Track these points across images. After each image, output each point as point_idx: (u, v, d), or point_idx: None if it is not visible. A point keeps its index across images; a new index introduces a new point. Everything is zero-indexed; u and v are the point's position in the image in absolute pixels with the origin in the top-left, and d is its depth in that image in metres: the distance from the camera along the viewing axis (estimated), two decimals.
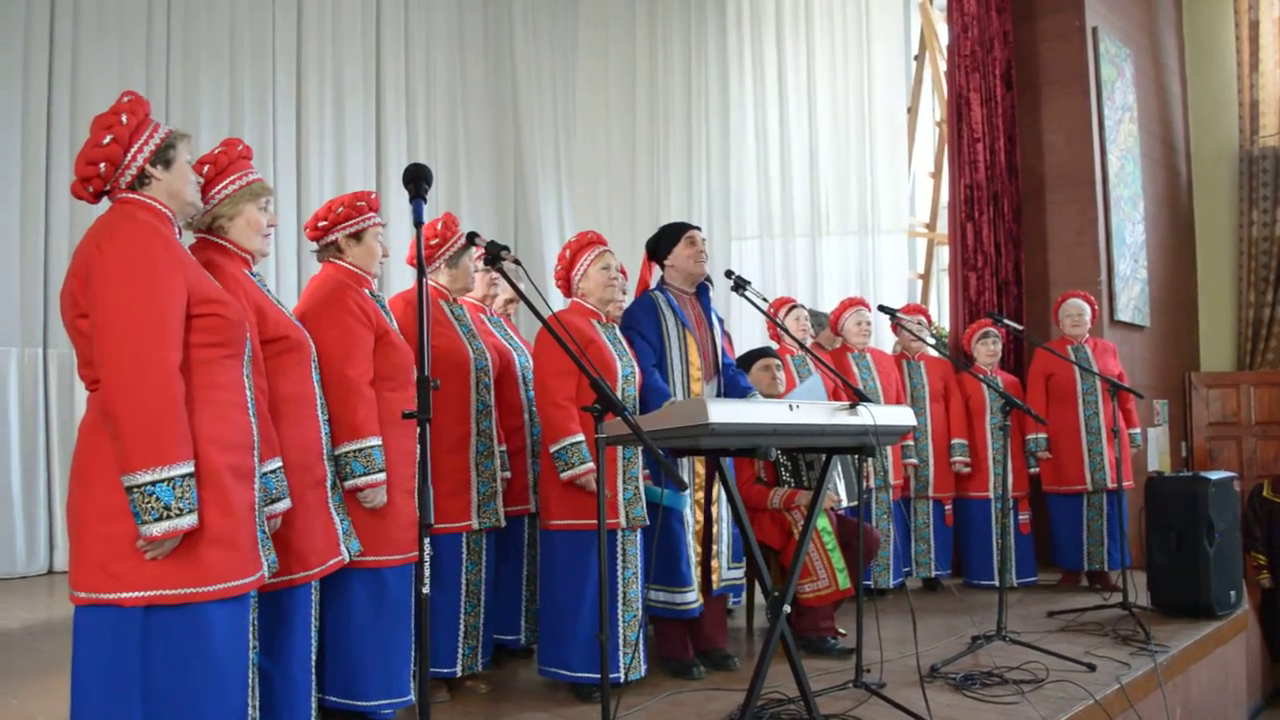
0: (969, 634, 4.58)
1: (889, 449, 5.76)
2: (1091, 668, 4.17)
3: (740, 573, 4.39)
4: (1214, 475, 5.35)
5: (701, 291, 4.39)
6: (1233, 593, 5.38)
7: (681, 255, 4.29)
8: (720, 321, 4.52)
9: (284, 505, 2.81)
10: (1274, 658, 7.07)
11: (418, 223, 2.59)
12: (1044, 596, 5.92)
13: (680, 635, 4.13)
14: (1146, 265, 8.02)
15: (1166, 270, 8.46)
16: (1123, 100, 7.86)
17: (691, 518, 4.11)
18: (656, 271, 4.40)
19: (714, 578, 4.21)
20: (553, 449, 3.74)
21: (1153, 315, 8.04)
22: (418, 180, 2.61)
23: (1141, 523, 5.50)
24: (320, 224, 3.49)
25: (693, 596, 4.01)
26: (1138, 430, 6.37)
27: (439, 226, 3.97)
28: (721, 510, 4.24)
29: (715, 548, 4.22)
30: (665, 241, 4.34)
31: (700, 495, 4.18)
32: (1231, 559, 5.45)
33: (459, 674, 3.74)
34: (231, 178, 2.91)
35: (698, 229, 4.37)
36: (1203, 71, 9.14)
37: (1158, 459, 7.80)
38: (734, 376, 4.36)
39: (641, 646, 3.88)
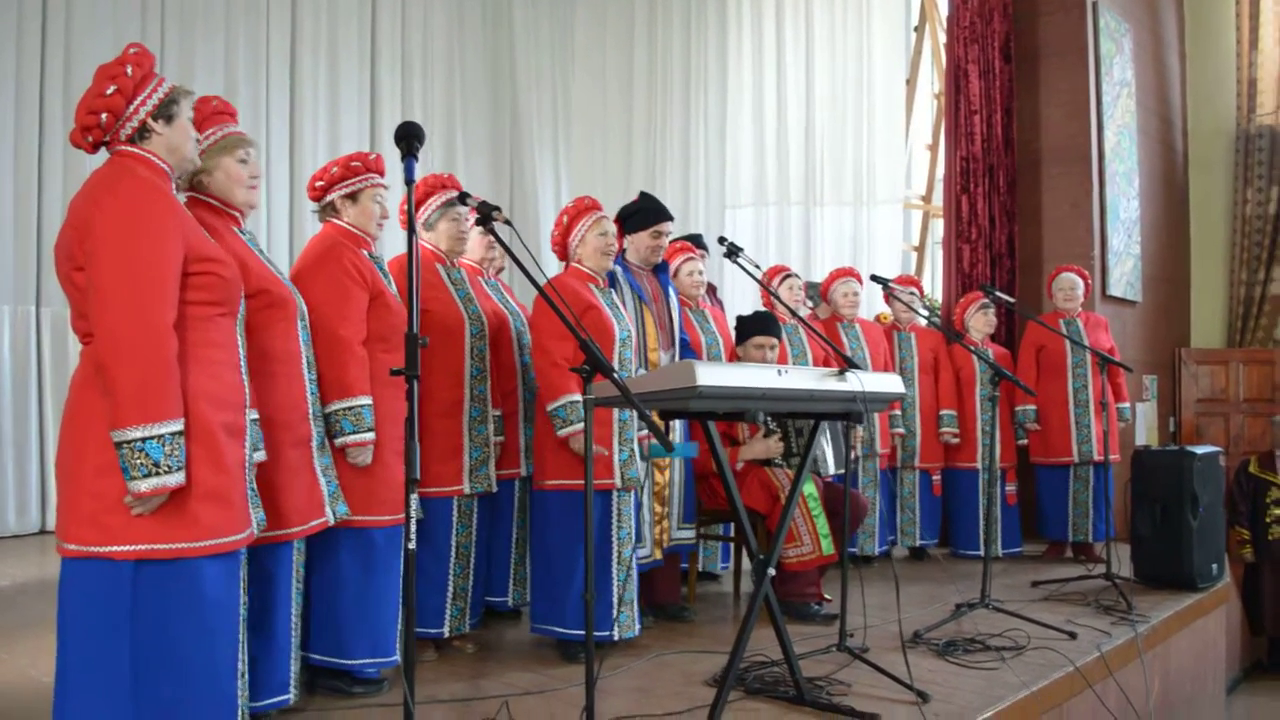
0: (953, 602, 4.63)
1: (876, 418, 5.79)
2: (1073, 636, 4.23)
3: (690, 533, 4.51)
4: (1199, 450, 5.39)
5: (660, 268, 4.48)
6: (1214, 566, 5.44)
7: (642, 242, 4.40)
8: (676, 295, 4.59)
9: (259, 457, 2.81)
10: (1254, 631, 7.16)
11: (409, 181, 2.60)
12: (1029, 567, 5.98)
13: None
14: (1140, 241, 8.03)
15: (1160, 246, 8.47)
16: (1121, 75, 7.84)
17: (651, 478, 4.22)
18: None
19: (664, 537, 4.33)
20: (550, 407, 3.77)
21: (1145, 291, 8.06)
22: (409, 138, 2.61)
23: (1127, 495, 5.55)
24: (317, 184, 3.53)
25: (645, 551, 4.19)
26: (1127, 405, 6.41)
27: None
28: (673, 473, 4.34)
29: (666, 509, 4.33)
30: (636, 220, 4.40)
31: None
32: (1214, 533, 5.50)
33: (446, 634, 3.79)
34: (206, 133, 2.90)
35: (670, 220, 4.42)
36: (1202, 48, 9.11)
37: (1146, 434, 7.85)
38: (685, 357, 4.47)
39: (635, 606, 3.93)
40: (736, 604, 4.96)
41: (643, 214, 4.42)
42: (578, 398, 3.71)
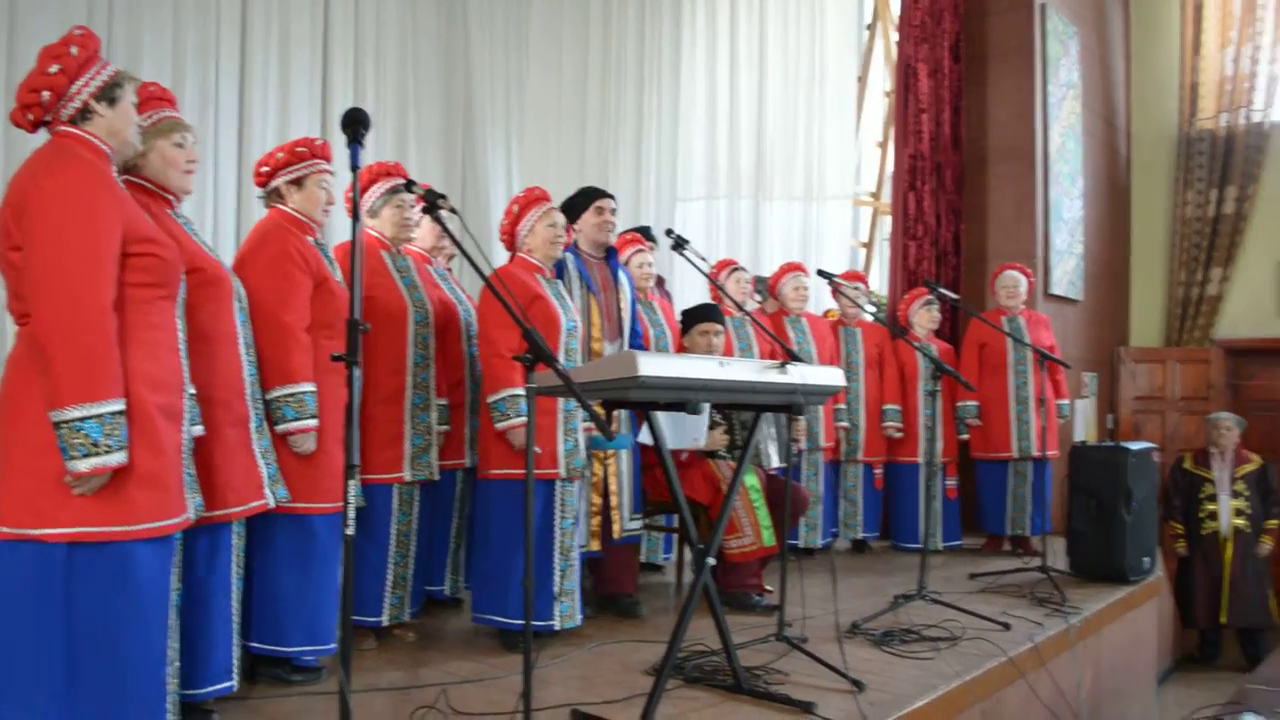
0: (892, 594, 4.70)
1: (821, 412, 5.86)
2: (1007, 627, 4.31)
3: (639, 524, 4.54)
4: (1134, 446, 5.51)
5: (610, 255, 4.48)
6: (1146, 559, 5.57)
7: (589, 222, 4.40)
8: (631, 285, 4.59)
9: (197, 431, 2.80)
10: (1186, 624, 7.33)
11: (354, 167, 2.60)
12: (967, 559, 6.08)
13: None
14: (1083, 240, 8.18)
15: (1102, 246, 8.63)
16: (1067, 77, 7.97)
17: (589, 469, 4.23)
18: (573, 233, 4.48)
19: (615, 528, 4.33)
20: (491, 399, 3.78)
21: (1086, 290, 8.21)
22: (355, 125, 2.61)
23: (1064, 491, 5.67)
24: (263, 170, 3.54)
25: (580, 540, 4.15)
26: (1066, 401, 6.53)
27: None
28: (620, 464, 4.36)
29: (616, 499, 4.33)
30: (578, 206, 4.42)
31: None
32: (1147, 527, 5.63)
33: (385, 623, 3.78)
34: (142, 116, 2.88)
35: (610, 197, 4.46)
36: (1147, 52, 9.28)
37: (1085, 430, 8.00)
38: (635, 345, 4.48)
39: (578, 595, 3.95)
40: (679, 594, 5.00)
41: (582, 197, 4.46)
42: (519, 391, 3.72)
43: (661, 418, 4.42)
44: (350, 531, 2.35)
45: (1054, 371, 6.25)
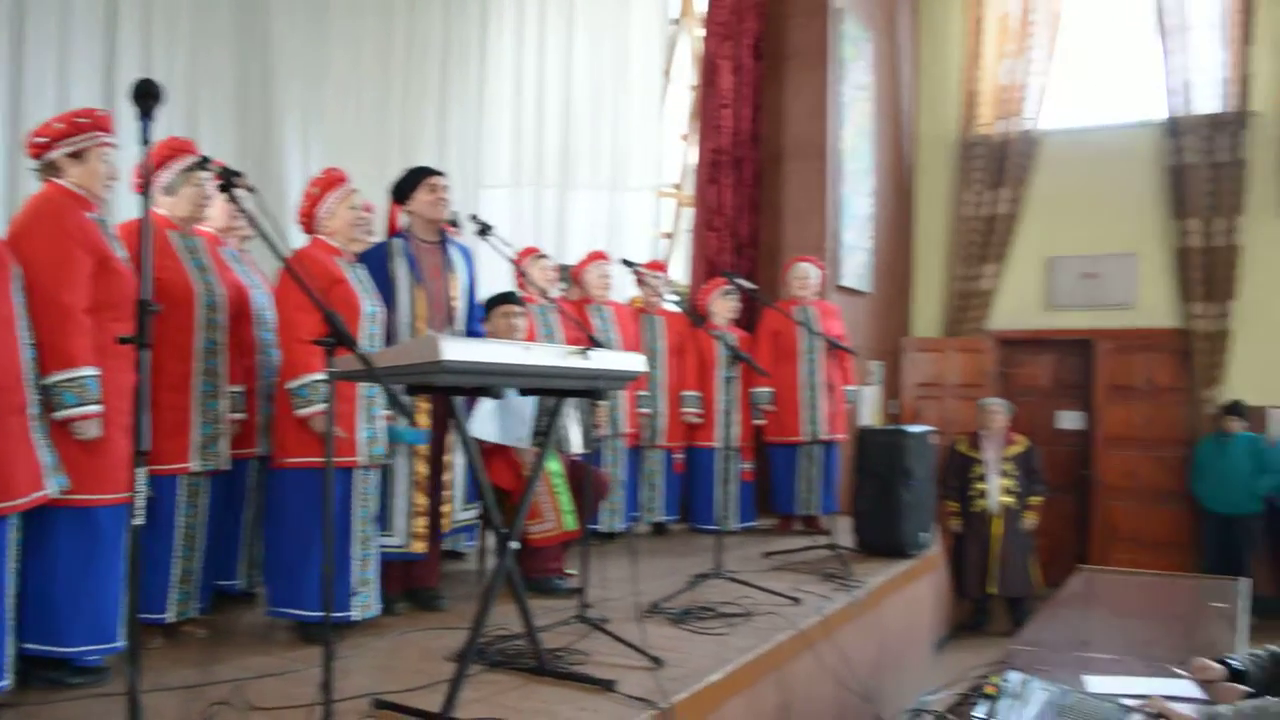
0: (690, 574, 4.84)
1: (623, 398, 5.96)
2: (797, 601, 4.54)
3: (474, 514, 4.51)
4: (912, 429, 5.89)
5: (446, 241, 4.41)
6: (924, 535, 5.96)
7: (422, 201, 4.32)
8: (470, 265, 4.54)
9: None
10: (959, 594, 7.86)
11: (145, 142, 2.49)
12: (761, 539, 6.33)
13: (387, 573, 4.19)
14: (872, 236, 8.63)
15: (889, 241, 9.13)
16: (861, 80, 8.37)
17: (409, 466, 4.19)
18: (404, 215, 4.40)
19: (444, 522, 4.29)
20: (291, 385, 3.69)
21: (875, 282, 8.67)
22: (146, 97, 2.49)
23: (851, 471, 5.98)
24: (39, 140, 3.30)
25: (398, 541, 4.15)
26: (854, 387, 6.88)
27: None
28: (456, 456, 4.32)
29: (447, 493, 4.31)
30: (408, 186, 4.34)
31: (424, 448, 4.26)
32: (924, 505, 6.02)
33: (170, 619, 3.64)
34: None
35: (441, 174, 4.38)
36: (933, 60, 9.88)
37: (870, 414, 8.46)
38: (475, 331, 4.45)
39: (376, 585, 3.90)
40: (482, 581, 5.00)
41: (410, 175, 4.37)
42: (321, 376, 3.64)
43: (489, 413, 4.41)
44: (140, 522, 2.26)
45: (843, 359, 6.58)
